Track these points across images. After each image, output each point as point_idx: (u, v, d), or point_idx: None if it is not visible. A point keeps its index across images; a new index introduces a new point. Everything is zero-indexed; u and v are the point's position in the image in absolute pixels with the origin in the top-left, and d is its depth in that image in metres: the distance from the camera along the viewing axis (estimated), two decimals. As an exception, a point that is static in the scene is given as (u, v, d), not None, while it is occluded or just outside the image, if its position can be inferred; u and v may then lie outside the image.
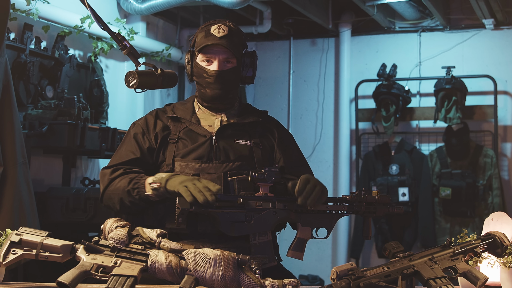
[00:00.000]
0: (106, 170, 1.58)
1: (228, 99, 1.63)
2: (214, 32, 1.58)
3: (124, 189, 1.51)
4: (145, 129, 1.61)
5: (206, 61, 1.60)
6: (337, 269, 1.26)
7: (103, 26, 1.56)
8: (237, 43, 1.60)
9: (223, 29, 1.58)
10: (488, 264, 1.43)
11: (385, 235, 4.18)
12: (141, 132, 1.61)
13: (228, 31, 1.59)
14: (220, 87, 1.59)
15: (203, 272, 1.25)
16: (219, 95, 1.60)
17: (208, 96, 1.61)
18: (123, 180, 1.53)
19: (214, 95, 1.60)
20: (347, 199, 1.49)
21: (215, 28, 1.58)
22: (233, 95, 1.64)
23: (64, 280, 1.23)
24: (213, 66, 1.59)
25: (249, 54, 1.64)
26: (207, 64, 1.59)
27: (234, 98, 1.66)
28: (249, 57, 1.64)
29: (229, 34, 1.58)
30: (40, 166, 3.16)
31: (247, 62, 1.64)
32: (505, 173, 4.20)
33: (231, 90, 1.62)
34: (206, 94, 1.61)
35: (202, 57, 1.60)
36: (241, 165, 1.57)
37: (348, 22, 4.50)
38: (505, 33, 4.26)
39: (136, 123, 1.65)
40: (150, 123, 1.62)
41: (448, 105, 4.07)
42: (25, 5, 2.88)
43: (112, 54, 3.68)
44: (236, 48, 1.60)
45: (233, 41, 1.59)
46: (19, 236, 1.30)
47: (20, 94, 2.89)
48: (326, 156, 4.65)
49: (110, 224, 1.46)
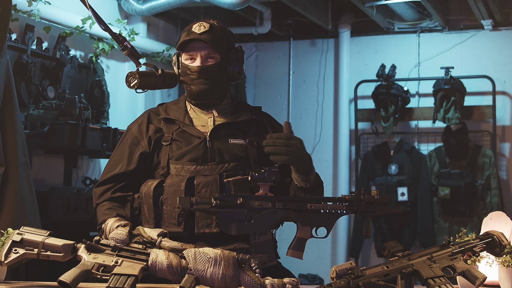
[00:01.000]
0: (95, 190, 1.61)
1: (215, 94, 1.62)
2: (195, 29, 1.58)
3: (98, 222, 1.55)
4: (139, 135, 1.62)
5: (190, 58, 1.60)
6: (336, 268, 1.26)
7: (104, 27, 1.56)
8: (220, 38, 1.59)
9: (204, 25, 1.58)
10: (487, 263, 1.44)
11: (384, 235, 4.19)
12: (133, 139, 1.62)
13: (209, 27, 1.58)
14: (204, 82, 1.58)
15: (203, 271, 1.25)
16: (204, 90, 1.59)
17: (194, 92, 1.60)
18: (99, 217, 1.55)
19: (199, 90, 1.59)
20: (347, 199, 1.49)
21: (196, 25, 1.59)
22: (219, 90, 1.62)
23: (66, 279, 1.24)
24: (195, 62, 1.59)
25: (234, 50, 1.63)
26: (191, 62, 1.59)
27: (222, 93, 1.64)
28: (235, 53, 1.63)
29: (210, 30, 1.58)
30: (42, 166, 3.17)
31: (233, 57, 1.62)
32: (504, 173, 4.22)
33: (217, 85, 1.61)
34: (192, 91, 1.60)
35: (185, 56, 1.60)
36: (237, 166, 1.57)
37: (347, 23, 4.51)
38: (504, 33, 4.27)
39: (130, 129, 1.65)
40: (143, 129, 1.62)
41: (446, 105, 4.08)
42: (27, 6, 2.89)
43: (113, 54, 3.69)
44: (218, 43, 1.59)
45: (214, 36, 1.58)
46: (20, 236, 1.31)
47: (21, 94, 2.90)
48: (325, 156, 4.66)
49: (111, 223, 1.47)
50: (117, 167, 1.61)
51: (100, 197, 1.59)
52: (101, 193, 1.59)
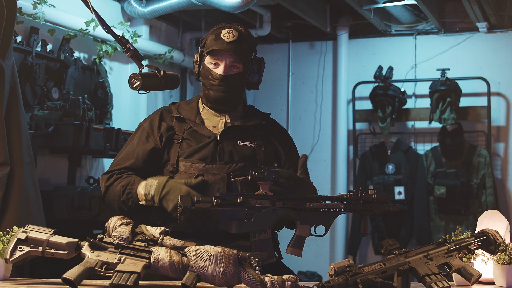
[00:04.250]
0: (104, 176, 1.60)
1: (231, 102, 1.64)
2: (224, 37, 1.58)
3: (120, 198, 1.54)
4: (150, 131, 1.61)
5: (213, 63, 1.60)
6: (335, 265, 1.28)
7: (107, 29, 1.57)
8: (246, 49, 1.60)
9: (233, 34, 1.58)
10: (482, 261, 1.46)
11: (381, 233, 4.21)
12: (145, 135, 1.61)
13: (238, 36, 1.58)
14: (223, 90, 1.60)
15: (204, 268, 1.26)
16: (222, 98, 1.61)
17: (212, 97, 1.62)
18: (117, 187, 1.55)
19: (217, 97, 1.61)
20: (345, 198, 1.49)
21: (225, 32, 1.58)
22: (236, 98, 1.64)
23: (70, 276, 1.25)
24: (219, 69, 1.59)
25: (256, 60, 1.64)
26: (214, 67, 1.60)
27: (238, 101, 1.66)
28: (257, 63, 1.64)
29: (239, 40, 1.58)
30: (46, 166, 3.18)
31: (254, 68, 1.64)
32: (498, 172, 4.25)
33: (235, 94, 1.63)
34: (210, 96, 1.62)
35: (209, 59, 1.60)
36: (244, 166, 1.58)
37: (345, 25, 4.54)
38: (498, 36, 4.30)
39: (142, 125, 1.66)
40: (154, 125, 1.63)
41: (442, 106, 4.11)
42: (32, 9, 2.91)
43: (116, 56, 3.70)
44: (244, 54, 1.60)
45: (241, 46, 1.59)
46: (25, 234, 1.32)
47: (26, 95, 2.91)
48: (324, 156, 4.69)
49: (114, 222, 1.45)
50: (127, 162, 1.61)
51: (108, 180, 1.58)
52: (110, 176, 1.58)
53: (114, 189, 1.56)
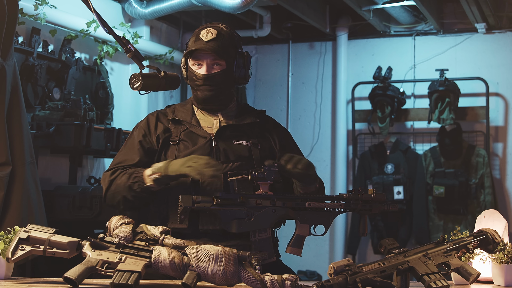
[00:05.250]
0: (106, 173, 1.61)
1: (220, 100, 1.64)
2: (202, 37, 1.60)
3: (125, 185, 1.54)
4: (147, 132, 1.63)
5: (197, 64, 1.62)
6: (334, 265, 1.29)
7: (108, 30, 1.58)
8: (227, 45, 1.61)
9: (211, 32, 1.59)
10: (480, 260, 1.47)
11: (380, 232, 4.22)
12: (143, 134, 1.63)
13: (216, 34, 1.59)
14: (209, 89, 1.61)
15: (205, 267, 1.27)
16: (210, 97, 1.62)
17: (200, 98, 1.63)
18: (123, 177, 1.55)
19: (205, 97, 1.62)
20: (344, 197, 1.51)
21: (204, 32, 1.60)
22: (225, 96, 1.65)
23: (71, 275, 1.25)
24: (202, 69, 1.61)
25: (241, 55, 1.64)
26: (197, 68, 1.62)
27: (228, 99, 1.67)
28: (241, 58, 1.64)
29: (218, 37, 1.59)
30: (48, 166, 3.18)
31: (239, 62, 1.64)
32: (497, 172, 4.26)
33: (223, 92, 1.63)
34: (198, 97, 1.63)
35: (192, 61, 1.62)
36: (241, 165, 1.59)
37: (345, 26, 4.55)
38: (497, 36, 4.31)
39: (139, 125, 1.67)
40: (151, 126, 1.64)
41: (441, 107, 4.12)
42: (33, 10, 2.91)
43: (117, 57, 3.71)
44: (225, 51, 1.60)
45: (221, 44, 1.59)
46: (27, 233, 1.33)
47: (28, 95, 2.91)
48: (323, 156, 4.70)
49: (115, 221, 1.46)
50: (126, 161, 1.62)
51: (113, 175, 1.59)
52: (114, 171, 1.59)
53: (120, 179, 1.56)
